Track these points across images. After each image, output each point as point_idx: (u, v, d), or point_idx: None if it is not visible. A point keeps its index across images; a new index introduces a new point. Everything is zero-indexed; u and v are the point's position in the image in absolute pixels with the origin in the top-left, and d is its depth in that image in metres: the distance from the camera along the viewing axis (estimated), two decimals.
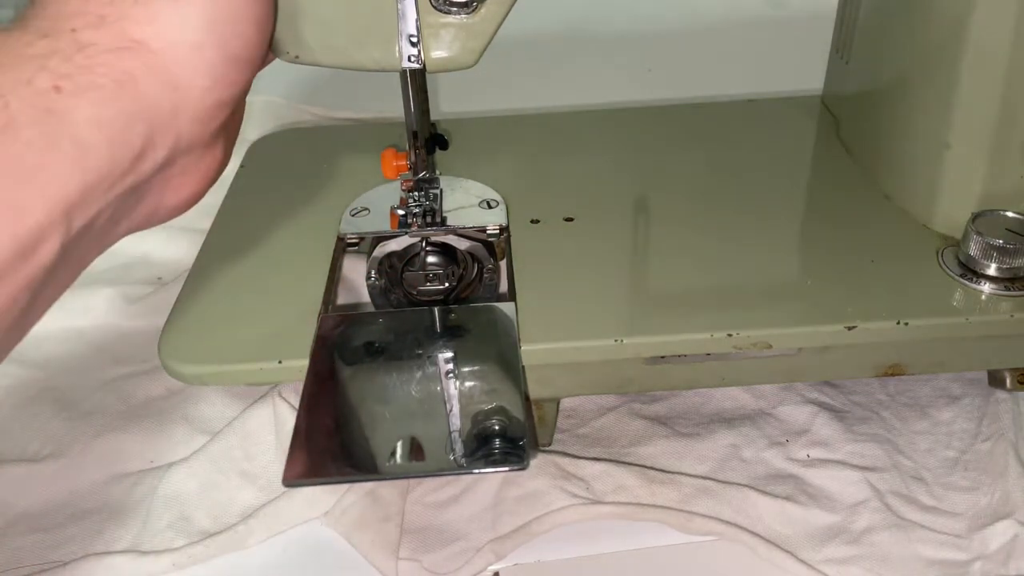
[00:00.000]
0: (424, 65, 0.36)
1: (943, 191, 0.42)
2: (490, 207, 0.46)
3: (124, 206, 0.26)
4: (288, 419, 0.43)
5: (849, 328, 0.37)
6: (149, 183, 0.26)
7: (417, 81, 0.40)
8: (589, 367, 0.39)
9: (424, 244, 0.44)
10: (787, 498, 0.39)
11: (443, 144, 0.44)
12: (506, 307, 0.39)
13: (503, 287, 0.42)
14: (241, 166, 0.52)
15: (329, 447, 0.34)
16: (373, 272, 0.43)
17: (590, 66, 0.79)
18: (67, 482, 0.43)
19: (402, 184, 0.44)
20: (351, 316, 0.40)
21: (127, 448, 0.45)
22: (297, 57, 0.35)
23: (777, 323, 0.38)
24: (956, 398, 0.44)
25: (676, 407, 0.45)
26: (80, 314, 0.54)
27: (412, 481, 0.42)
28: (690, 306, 0.39)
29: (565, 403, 0.46)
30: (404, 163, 0.43)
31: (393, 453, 0.34)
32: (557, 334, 0.37)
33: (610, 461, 0.41)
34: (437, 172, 0.44)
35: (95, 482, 0.43)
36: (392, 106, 0.49)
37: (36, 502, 0.42)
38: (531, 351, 0.37)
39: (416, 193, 0.44)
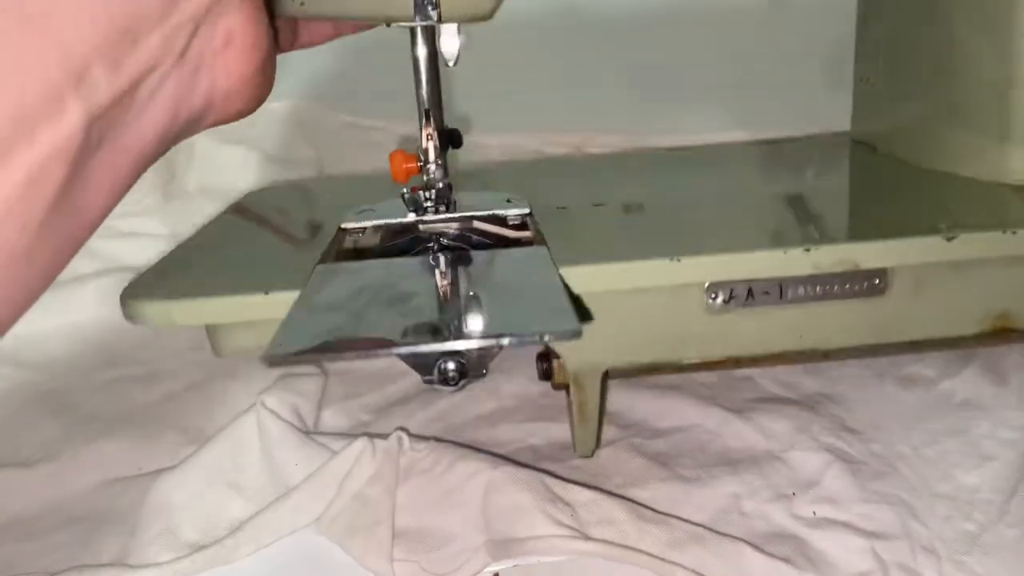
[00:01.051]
0: (440, 14, 0.34)
1: (1015, 134, 0.37)
2: (510, 202, 0.41)
3: (171, 77, 0.24)
4: (272, 428, 0.42)
5: (948, 239, 0.32)
6: (192, 48, 0.25)
7: (429, 45, 0.37)
8: (639, 311, 0.34)
9: (435, 243, 0.41)
10: (785, 560, 0.37)
11: (457, 140, 0.41)
12: (538, 250, 0.34)
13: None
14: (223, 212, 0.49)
15: (326, 325, 0.29)
16: None
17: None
18: (58, 487, 0.43)
19: (411, 189, 0.41)
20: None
21: (118, 454, 0.45)
22: (303, 4, 0.33)
23: (862, 237, 0.32)
24: (988, 458, 0.41)
25: (680, 443, 0.42)
26: (77, 312, 0.54)
27: (400, 482, 0.40)
28: (759, 228, 0.34)
29: (562, 432, 0.44)
30: (414, 165, 0.40)
31: (408, 331, 0.28)
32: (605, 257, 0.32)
33: (600, 490, 0.39)
34: (448, 177, 0.42)
35: (85, 488, 0.43)
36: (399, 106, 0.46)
37: (28, 507, 0.42)
38: (574, 273, 0.32)
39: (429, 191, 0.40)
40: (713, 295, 0.35)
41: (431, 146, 0.39)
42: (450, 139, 0.41)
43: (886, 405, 0.45)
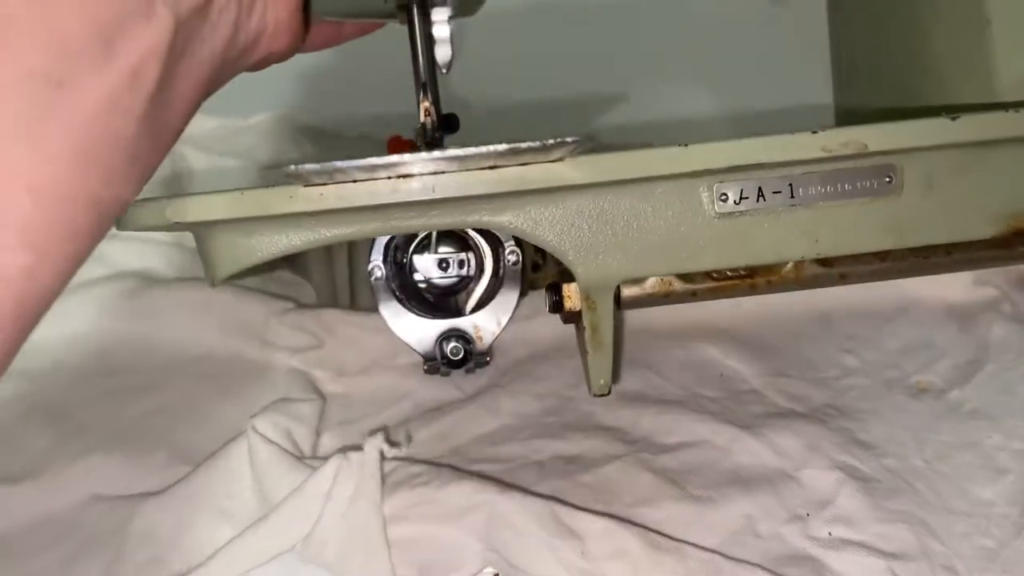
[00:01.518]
0: None
1: (996, 71, 0.38)
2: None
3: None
4: (262, 453, 0.40)
5: (952, 118, 0.32)
6: None
7: (426, 20, 0.37)
8: (650, 218, 0.34)
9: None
10: None
11: (454, 125, 0.40)
12: None
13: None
14: None
15: None
16: (378, 263, 0.39)
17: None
18: (44, 504, 0.42)
19: None
20: None
21: (107, 470, 0.44)
22: None
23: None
24: (1002, 471, 0.40)
25: (690, 460, 0.41)
26: (78, 320, 0.52)
27: (386, 493, 0.38)
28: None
29: (567, 448, 0.43)
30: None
31: None
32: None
33: (613, 517, 0.38)
34: None
35: (72, 505, 0.42)
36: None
37: (12, 525, 0.41)
38: (581, 163, 0.32)
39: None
40: (723, 196, 0.35)
41: (429, 121, 0.39)
42: (447, 124, 0.40)
43: (896, 416, 0.44)
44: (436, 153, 0.28)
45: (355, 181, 0.32)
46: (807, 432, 0.42)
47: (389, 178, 0.32)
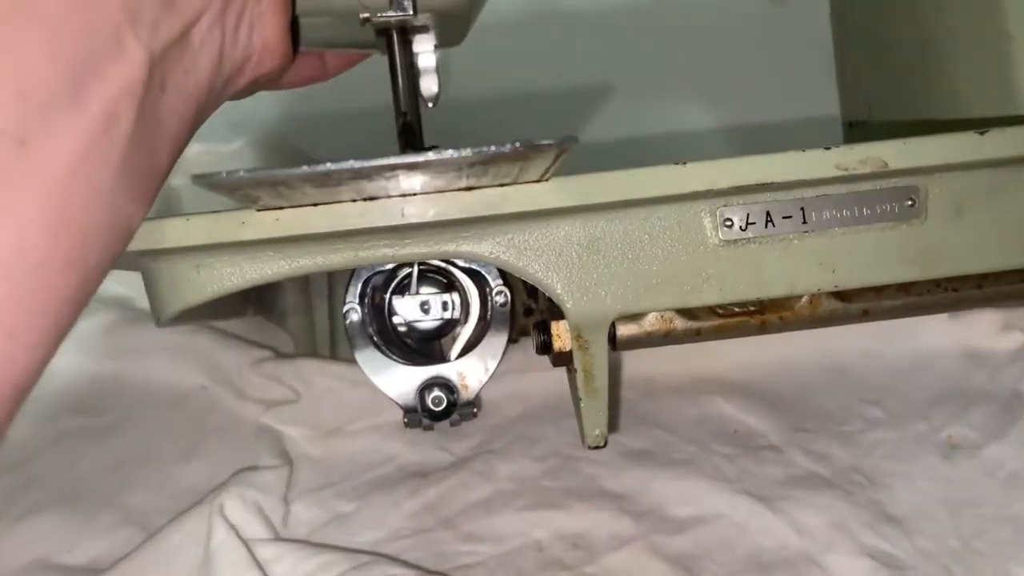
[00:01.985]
0: (415, 6, 0.32)
1: (1019, 83, 0.34)
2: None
3: (217, 25, 0.26)
4: (219, 530, 0.36)
5: (980, 133, 0.30)
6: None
7: (406, 49, 0.34)
8: (647, 246, 0.31)
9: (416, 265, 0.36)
10: None
11: (413, 138, 0.36)
12: None
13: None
14: None
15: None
16: (354, 305, 0.35)
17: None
18: None
19: None
20: None
21: (51, 531, 0.40)
22: None
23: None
24: None
25: (705, 540, 0.38)
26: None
27: None
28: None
29: (570, 523, 0.39)
30: None
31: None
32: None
33: None
34: None
35: (13, 571, 0.38)
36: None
37: None
38: (571, 183, 0.29)
39: None
40: (727, 221, 0.31)
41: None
42: (406, 135, 0.36)
43: (928, 483, 0.40)
44: (392, 158, 0.24)
45: (314, 205, 0.28)
46: (832, 508, 0.38)
47: (354, 200, 0.28)
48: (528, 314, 0.48)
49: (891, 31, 0.48)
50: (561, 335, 0.35)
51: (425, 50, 0.35)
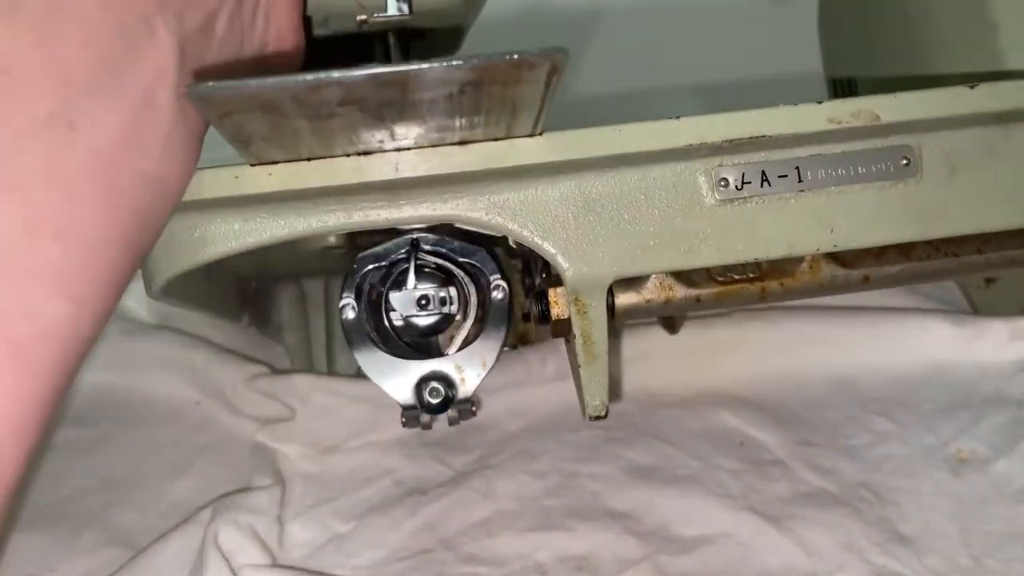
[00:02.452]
0: (411, 6, 0.33)
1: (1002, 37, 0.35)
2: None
3: (236, 15, 0.27)
4: (212, 560, 0.35)
5: (971, 87, 0.30)
6: None
7: (402, 55, 0.35)
8: (644, 206, 0.31)
9: (413, 249, 0.35)
10: None
11: None
12: None
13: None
14: None
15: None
16: (350, 301, 0.34)
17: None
18: None
19: None
20: None
21: (34, 550, 0.39)
22: None
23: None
24: None
25: (711, 561, 0.37)
26: None
27: None
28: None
29: (572, 545, 0.38)
30: None
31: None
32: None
33: None
34: None
35: None
36: None
37: None
38: (565, 138, 0.29)
39: None
40: (723, 181, 0.31)
41: None
42: None
43: (937, 499, 0.39)
44: (381, 67, 0.22)
45: (308, 160, 0.28)
46: (840, 526, 0.38)
47: (348, 155, 0.28)
48: (527, 319, 0.47)
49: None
50: (559, 301, 0.34)
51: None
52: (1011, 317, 0.47)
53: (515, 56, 0.23)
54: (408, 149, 0.28)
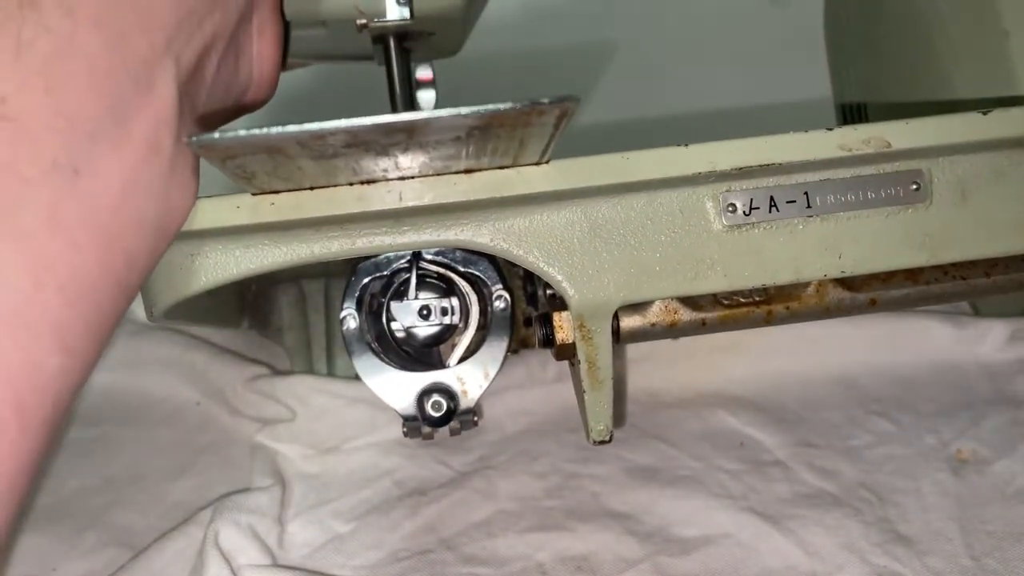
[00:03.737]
0: (411, 10, 0.33)
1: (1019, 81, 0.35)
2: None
3: (224, 59, 0.28)
4: (212, 561, 0.35)
5: (984, 113, 0.30)
6: (238, 34, 0.29)
7: (403, 59, 0.35)
8: (650, 232, 0.31)
9: (414, 259, 0.35)
10: None
11: None
12: None
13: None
14: None
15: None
16: (351, 311, 0.34)
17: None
18: None
19: None
20: None
21: (34, 551, 0.39)
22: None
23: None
24: None
25: (712, 562, 0.37)
26: None
27: None
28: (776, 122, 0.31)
29: (573, 545, 0.38)
30: None
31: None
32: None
33: None
34: None
35: None
36: None
37: None
38: (570, 167, 0.29)
39: None
40: (730, 206, 0.31)
41: None
42: None
43: (937, 499, 0.39)
44: (387, 117, 0.23)
45: (311, 188, 0.28)
46: (841, 527, 0.38)
47: (351, 184, 0.28)
48: (528, 324, 0.47)
49: (883, 13, 0.48)
50: (564, 326, 0.34)
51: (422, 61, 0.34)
52: (1012, 318, 0.47)
53: (525, 105, 0.22)
54: (412, 178, 0.28)
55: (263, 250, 0.30)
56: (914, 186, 0.32)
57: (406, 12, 0.35)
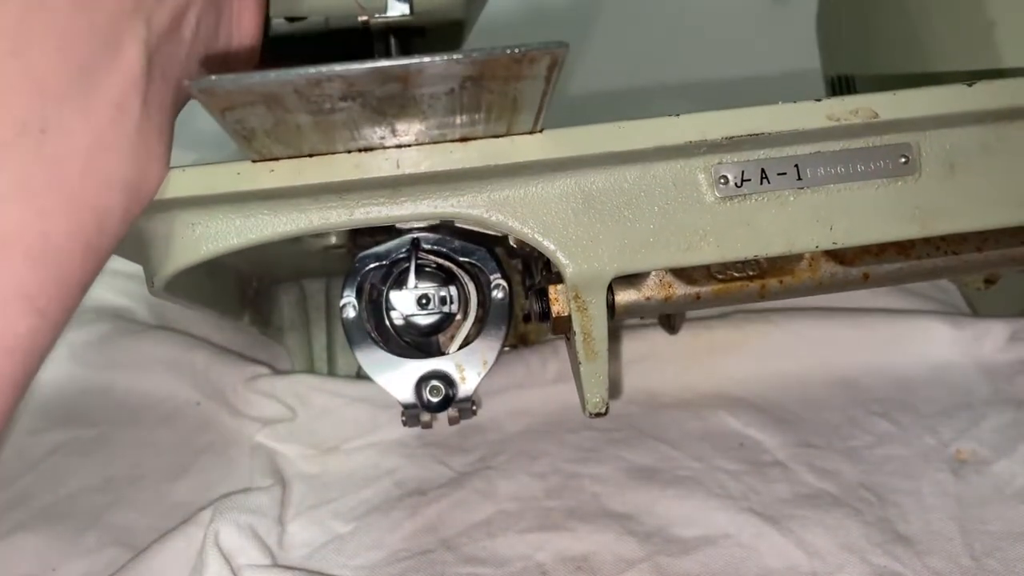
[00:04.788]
0: (412, 6, 0.33)
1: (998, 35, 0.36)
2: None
3: (202, 20, 0.27)
4: (212, 561, 0.35)
5: (969, 84, 0.30)
6: None
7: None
8: (643, 203, 0.31)
9: (414, 248, 0.35)
10: None
11: None
12: None
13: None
14: None
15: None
16: (351, 300, 0.34)
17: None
18: None
19: None
20: None
21: (34, 550, 0.39)
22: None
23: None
24: None
25: (712, 562, 0.37)
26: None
27: None
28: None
29: (573, 545, 0.38)
30: None
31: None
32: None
33: None
34: None
35: None
36: None
37: None
38: (563, 136, 0.29)
39: None
40: (722, 178, 0.32)
41: None
42: None
43: (937, 499, 0.39)
44: (382, 62, 0.23)
45: (310, 156, 0.28)
46: (841, 527, 0.38)
47: (349, 152, 0.28)
48: (528, 320, 0.47)
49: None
50: (559, 299, 0.34)
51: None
52: (1011, 318, 0.47)
53: (516, 50, 0.23)
54: (409, 146, 0.28)
55: (262, 219, 0.30)
56: (903, 159, 0.32)
57: (406, 8, 0.35)
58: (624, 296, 0.34)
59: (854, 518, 0.38)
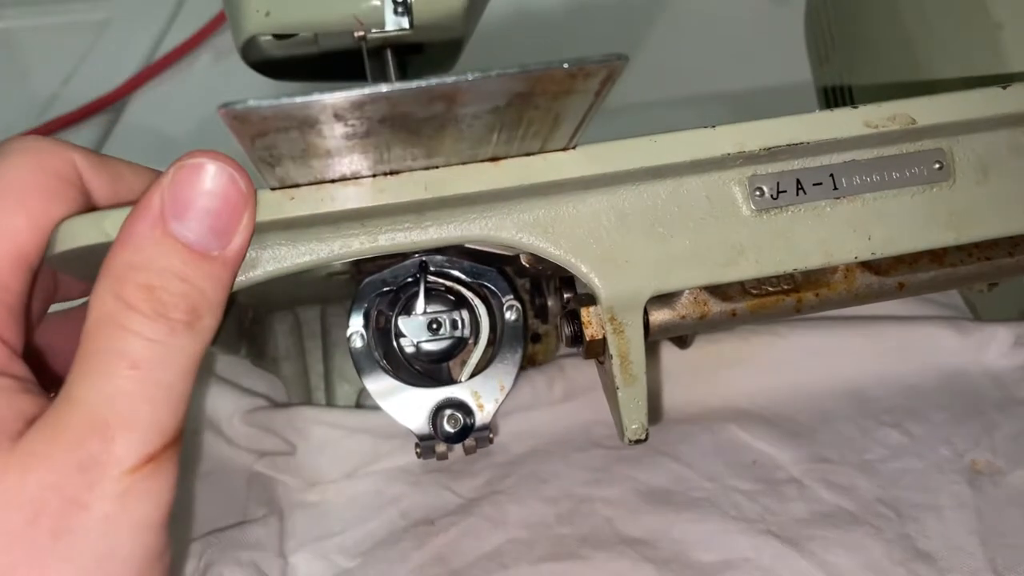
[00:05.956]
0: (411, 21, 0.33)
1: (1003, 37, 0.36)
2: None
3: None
4: None
5: (1003, 87, 0.30)
6: None
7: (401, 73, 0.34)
8: (679, 219, 0.30)
9: (422, 272, 0.33)
10: None
11: None
12: None
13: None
14: None
15: None
16: (358, 329, 0.33)
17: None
18: None
19: None
20: None
21: None
22: (268, 14, 0.32)
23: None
24: None
25: None
26: None
27: None
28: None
29: (589, 575, 0.37)
30: None
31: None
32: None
33: None
34: None
35: None
36: None
37: None
38: (595, 152, 0.28)
39: None
40: (758, 191, 0.31)
41: None
42: None
43: (956, 513, 0.39)
44: (432, 79, 0.21)
45: (332, 182, 0.26)
46: (862, 547, 0.37)
47: (375, 176, 0.27)
48: (536, 340, 0.45)
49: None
50: (592, 321, 0.33)
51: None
52: (1014, 322, 0.47)
53: (574, 64, 0.21)
54: (437, 167, 0.27)
55: (280, 251, 0.29)
56: (937, 165, 0.32)
57: (404, 22, 0.34)
58: (658, 316, 0.33)
59: (874, 536, 0.38)
